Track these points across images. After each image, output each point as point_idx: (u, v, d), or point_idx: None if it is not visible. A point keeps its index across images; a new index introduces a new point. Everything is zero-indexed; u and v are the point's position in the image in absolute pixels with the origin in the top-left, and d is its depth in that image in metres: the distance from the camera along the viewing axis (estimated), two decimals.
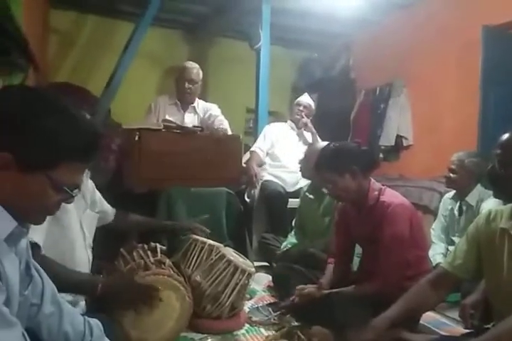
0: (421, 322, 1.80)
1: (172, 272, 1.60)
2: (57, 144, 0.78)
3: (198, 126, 2.87)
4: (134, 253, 1.70)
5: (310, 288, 1.86)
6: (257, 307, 2.08)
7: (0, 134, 0.75)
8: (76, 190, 0.84)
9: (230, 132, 2.99)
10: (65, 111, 0.81)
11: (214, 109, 3.15)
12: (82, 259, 1.50)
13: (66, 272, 1.32)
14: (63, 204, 1.34)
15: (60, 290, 1.01)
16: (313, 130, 3.40)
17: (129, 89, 3.89)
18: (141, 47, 3.62)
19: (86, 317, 1.03)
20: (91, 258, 1.56)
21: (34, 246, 1.17)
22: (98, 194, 1.76)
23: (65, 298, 1.12)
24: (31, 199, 0.80)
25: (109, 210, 1.88)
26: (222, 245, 1.96)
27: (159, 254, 1.73)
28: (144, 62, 4.25)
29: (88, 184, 1.67)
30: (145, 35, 3.58)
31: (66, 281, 1.03)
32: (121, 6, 4.20)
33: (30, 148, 0.76)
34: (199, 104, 3.21)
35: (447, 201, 2.51)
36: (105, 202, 1.84)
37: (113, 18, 4.43)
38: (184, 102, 3.14)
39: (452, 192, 2.49)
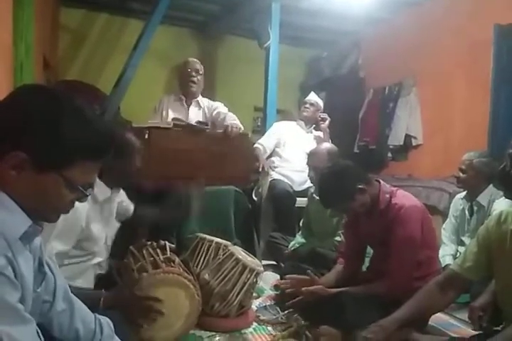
0: (430, 323, 1.80)
1: (181, 270, 1.61)
2: (71, 144, 0.79)
3: (203, 122, 2.88)
4: (144, 251, 1.71)
5: (316, 287, 1.85)
6: (265, 306, 2.08)
7: (15, 134, 0.76)
8: (90, 189, 0.85)
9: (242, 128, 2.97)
10: (79, 111, 0.82)
11: (221, 107, 3.14)
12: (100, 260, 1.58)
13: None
14: (94, 232, 1.48)
15: None
16: (327, 130, 3.38)
17: (139, 87, 3.91)
18: (150, 46, 3.64)
19: (97, 315, 1.04)
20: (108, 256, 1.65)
21: None
22: (123, 193, 1.85)
23: None
24: (46, 198, 0.80)
25: (130, 207, 1.95)
26: (230, 243, 1.96)
27: (168, 252, 1.74)
28: (153, 60, 4.28)
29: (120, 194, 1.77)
30: (155, 33, 3.60)
31: None
32: (132, 4, 4.22)
33: (45, 147, 0.77)
34: (203, 100, 3.21)
35: (458, 201, 2.50)
36: (126, 199, 1.91)
37: (123, 16, 4.46)
38: (189, 96, 3.14)
39: (464, 193, 2.47)
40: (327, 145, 2.63)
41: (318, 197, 1.91)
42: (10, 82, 2.20)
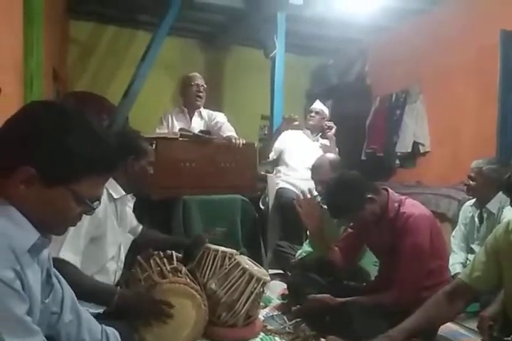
0: (439, 332, 1.78)
1: (188, 280, 1.61)
2: (80, 159, 0.80)
3: (205, 131, 2.91)
4: (151, 261, 1.73)
5: (323, 296, 1.84)
6: (272, 316, 2.07)
7: (24, 149, 0.78)
8: (96, 203, 0.87)
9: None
10: (88, 127, 0.83)
11: (220, 117, 3.19)
12: (110, 269, 1.60)
13: (84, 278, 1.36)
14: (111, 232, 1.52)
15: (76, 297, 1.03)
16: (334, 138, 3.38)
17: (147, 98, 3.96)
18: (158, 57, 3.69)
19: (103, 325, 1.05)
20: (121, 268, 1.67)
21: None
22: (132, 213, 1.87)
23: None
24: (54, 212, 0.82)
25: (138, 227, 1.96)
26: (235, 251, 1.96)
27: (175, 262, 1.75)
28: (161, 71, 4.33)
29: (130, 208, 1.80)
30: (162, 44, 3.65)
31: (82, 288, 1.03)
32: (140, 16, 4.29)
33: (54, 162, 0.78)
34: (204, 111, 3.26)
35: (468, 208, 2.47)
36: (135, 220, 1.92)
37: (131, 28, 4.53)
38: (192, 108, 3.19)
39: (473, 200, 2.45)
40: (328, 156, 2.60)
41: (326, 207, 1.90)
42: (21, 94, 2.24)
